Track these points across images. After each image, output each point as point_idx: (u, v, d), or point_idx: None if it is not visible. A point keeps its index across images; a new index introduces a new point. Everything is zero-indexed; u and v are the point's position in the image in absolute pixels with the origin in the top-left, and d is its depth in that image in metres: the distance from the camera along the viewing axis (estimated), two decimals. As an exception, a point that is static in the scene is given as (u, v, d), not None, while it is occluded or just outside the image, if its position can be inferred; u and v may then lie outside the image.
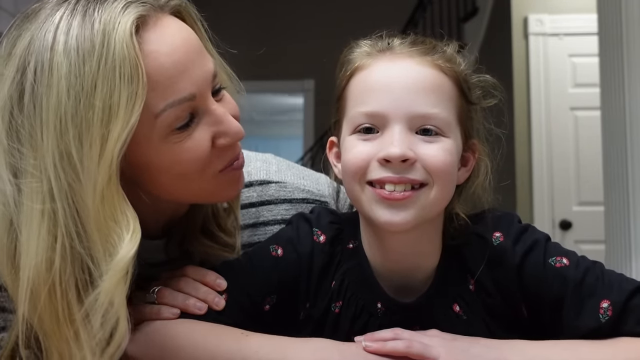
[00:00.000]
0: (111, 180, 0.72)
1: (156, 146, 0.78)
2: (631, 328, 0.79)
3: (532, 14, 4.63)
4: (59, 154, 0.71)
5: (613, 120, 2.55)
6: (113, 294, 0.71)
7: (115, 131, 0.71)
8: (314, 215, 0.92)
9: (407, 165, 0.78)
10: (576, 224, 4.46)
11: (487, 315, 0.85)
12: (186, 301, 0.85)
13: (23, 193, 0.72)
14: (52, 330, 0.73)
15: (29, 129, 0.72)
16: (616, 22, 2.51)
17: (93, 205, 0.72)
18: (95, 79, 0.71)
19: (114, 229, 0.73)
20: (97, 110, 0.71)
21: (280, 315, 0.88)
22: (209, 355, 0.79)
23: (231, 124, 0.82)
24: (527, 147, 4.56)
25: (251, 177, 1.03)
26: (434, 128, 0.79)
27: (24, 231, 0.72)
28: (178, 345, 0.80)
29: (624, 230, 2.46)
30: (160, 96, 0.75)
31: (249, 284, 0.87)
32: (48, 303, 0.72)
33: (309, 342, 0.80)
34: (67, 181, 0.71)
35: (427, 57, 0.82)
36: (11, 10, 3.46)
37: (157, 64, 0.75)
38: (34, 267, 0.71)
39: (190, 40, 0.81)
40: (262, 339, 0.81)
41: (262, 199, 1.03)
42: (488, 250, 0.84)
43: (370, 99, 0.80)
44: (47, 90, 0.71)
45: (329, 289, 0.88)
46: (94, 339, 0.72)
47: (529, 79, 4.59)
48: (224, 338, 0.81)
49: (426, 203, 0.79)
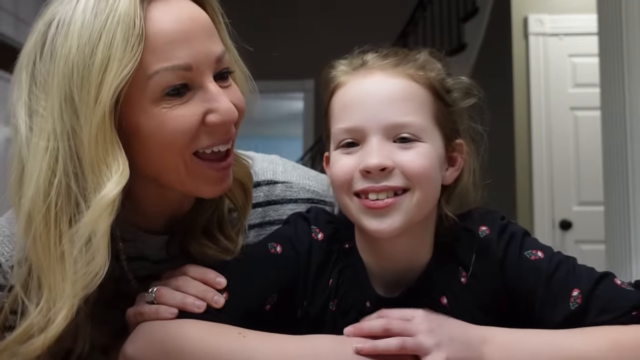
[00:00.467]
0: (105, 126, 0.78)
1: (146, 108, 0.81)
2: (593, 317, 0.82)
3: (532, 14, 4.63)
4: (64, 98, 0.79)
5: (613, 120, 2.55)
6: (93, 228, 0.77)
7: (109, 80, 0.78)
8: (311, 214, 0.95)
9: (386, 173, 0.82)
10: (576, 224, 4.46)
11: (476, 308, 0.87)
12: (185, 300, 0.85)
13: (33, 131, 0.80)
14: (43, 256, 0.80)
15: (44, 74, 0.80)
16: (616, 22, 2.51)
17: (89, 148, 0.78)
18: (100, 32, 0.79)
19: (104, 172, 0.79)
20: (97, 60, 0.78)
21: (280, 314, 0.89)
22: (209, 355, 0.80)
23: (224, 103, 0.84)
24: (527, 147, 4.57)
25: (258, 177, 1.04)
26: (409, 135, 0.84)
27: (28, 164, 0.80)
28: (178, 345, 0.81)
29: (624, 230, 2.46)
30: (156, 59, 0.80)
31: (249, 282, 0.87)
32: (41, 229, 0.79)
33: (308, 339, 0.81)
34: (69, 123, 0.79)
35: (398, 69, 0.87)
36: (11, 10, 3.46)
37: (158, 29, 0.81)
38: (32, 197, 0.79)
39: (198, 19, 0.85)
40: (261, 337, 0.81)
41: (269, 199, 1.04)
42: (476, 243, 0.88)
43: (348, 115, 0.86)
44: (63, 41, 0.80)
45: (326, 286, 0.90)
46: (76, 268, 0.78)
47: (529, 79, 4.59)
48: (223, 338, 0.81)
49: (410, 207, 0.83)
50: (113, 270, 0.93)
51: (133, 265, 0.96)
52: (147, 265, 0.96)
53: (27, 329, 0.81)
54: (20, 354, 0.83)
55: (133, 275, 0.96)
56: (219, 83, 0.86)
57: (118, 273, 0.94)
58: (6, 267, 0.92)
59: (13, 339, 0.83)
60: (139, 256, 0.97)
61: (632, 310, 0.81)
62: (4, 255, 0.92)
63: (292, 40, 5.02)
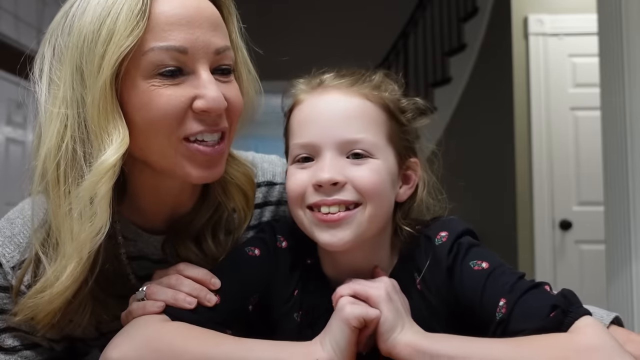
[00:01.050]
0: (106, 95, 0.82)
1: (137, 83, 0.84)
2: (517, 324, 0.81)
3: (532, 14, 4.63)
4: (75, 68, 0.84)
5: (613, 120, 2.55)
6: (94, 190, 0.82)
7: (110, 52, 0.82)
8: (279, 223, 0.98)
9: (338, 187, 0.85)
10: (576, 224, 4.46)
11: (429, 314, 0.88)
12: (176, 296, 0.86)
13: (49, 99, 0.86)
14: (54, 213, 0.85)
15: (62, 46, 0.86)
16: (616, 22, 2.51)
17: (92, 115, 0.83)
18: (110, 8, 0.84)
19: (106, 139, 0.83)
20: (102, 33, 0.83)
21: (261, 315, 0.91)
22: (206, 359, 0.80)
23: (211, 90, 0.86)
24: (527, 147, 4.56)
25: (258, 178, 1.05)
26: (362, 151, 0.87)
27: (44, 128, 0.86)
28: (173, 350, 0.81)
29: (624, 230, 2.46)
30: (153, 37, 0.84)
31: (233, 283, 0.89)
32: (52, 187, 0.85)
33: (302, 345, 0.82)
34: (79, 91, 0.84)
35: (353, 88, 0.90)
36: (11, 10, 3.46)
37: (161, 9, 0.85)
38: (44, 159, 0.85)
39: (205, 9, 0.88)
40: (236, 342, 0.82)
41: (266, 200, 1.05)
42: (431, 250, 0.90)
43: (303, 131, 0.89)
44: (80, 17, 0.85)
45: (291, 296, 0.92)
46: (80, 226, 0.83)
47: (529, 79, 4.59)
48: (218, 341, 0.82)
49: (362, 221, 0.86)
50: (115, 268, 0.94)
51: (135, 265, 0.97)
52: (148, 264, 0.97)
53: (43, 284, 0.86)
54: (29, 308, 0.87)
55: (134, 274, 0.97)
56: (218, 77, 0.88)
57: (118, 271, 0.95)
58: (7, 267, 0.93)
59: (30, 294, 0.87)
60: (140, 255, 0.97)
61: (550, 312, 0.80)
62: (4, 256, 0.93)
63: (292, 41, 5.02)
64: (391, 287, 0.85)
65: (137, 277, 0.97)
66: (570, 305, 0.81)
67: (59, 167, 0.84)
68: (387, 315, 0.81)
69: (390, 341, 0.80)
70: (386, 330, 0.81)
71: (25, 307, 0.88)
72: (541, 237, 4.49)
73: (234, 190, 0.98)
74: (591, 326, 0.78)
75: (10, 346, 0.93)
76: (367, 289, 0.83)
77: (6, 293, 0.93)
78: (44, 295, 0.85)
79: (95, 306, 0.92)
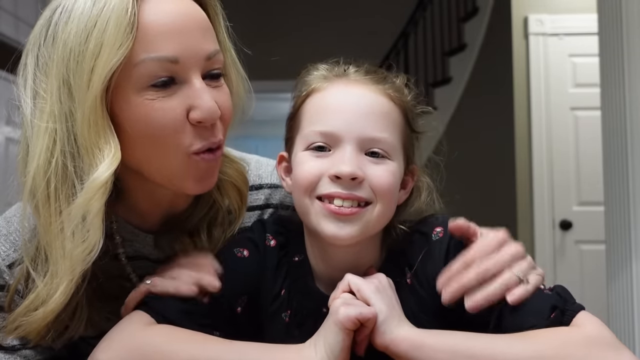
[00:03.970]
0: (97, 110, 0.80)
1: (130, 98, 0.82)
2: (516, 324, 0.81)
3: (532, 14, 4.63)
4: (63, 81, 0.82)
5: (613, 120, 2.55)
6: (87, 208, 0.80)
7: (100, 66, 0.80)
8: (268, 221, 0.97)
9: (356, 183, 0.84)
10: (576, 224, 4.46)
11: (419, 309, 0.88)
12: (178, 285, 0.87)
13: (36, 113, 0.83)
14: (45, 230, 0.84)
15: (46, 58, 0.83)
16: (616, 22, 2.51)
17: (82, 130, 0.81)
18: (96, 19, 0.81)
19: (97, 154, 0.81)
20: (90, 46, 0.80)
21: (249, 316, 0.90)
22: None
23: (206, 100, 0.84)
24: (527, 147, 4.56)
25: (262, 180, 1.05)
26: (381, 151, 0.86)
27: (32, 143, 0.84)
28: (162, 352, 0.80)
29: (624, 230, 2.46)
30: (143, 48, 0.81)
31: (222, 286, 0.88)
32: (42, 204, 0.83)
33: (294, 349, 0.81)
34: (66, 106, 0.82)
35: (379, 86, 0.89)
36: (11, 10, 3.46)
37: (149, 19, 0.82)
38: (33, 175, 0.83)
39: (194, 15, 0.86)
40: (247, 345, 0.82)
41: (268, 202, 1.05)
42: (428, 245, 0.90)
43: (325, 119, 0.87)
44: (64, 26, 0.82)
45: (279, 295, 0.91)
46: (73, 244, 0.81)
47: (529, 79, 4.59)
48: (206, 343, 0.81)
49: (370, 219, 0.86)
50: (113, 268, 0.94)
51: (134, 265, 0.97)
52: (147, 264, 0.97)
53: (34, 301, 0.84)
54: (21, 326, 0.86)
55: (135, 273, 0.97)
56: (209, 82, 0.86)
57: (117, 272, 0.95)
58: (3, 266, 0.93)
59: (19, 312, 0.86)
60: (137, 255, 0.97)
61: (550, 313, 0.81)
62: (0, 255, 0.93)
63: (291, 40, 5.02)
64: (385, 281, 0.85)
65: (139, 277, 0.97)
66: (566, 303, 0.82)
67: (49, 184, 0.82)
68: (380, 307, 0.80)
69: (387, 334, 0.79)
70: (381, 322, 0.80)
71: (17, 325, 0.86)
72: (541, 237, 4.49)
73: (228, 187, 0.98)
74: (589, 320, 0.80)
75: (10, 345, 0.93)
76: (358, 282, 0.83)
77: (2, 292, 0.93)
78: (37, 314, 0.84)
79: (92, 312, 0.91)
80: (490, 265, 0.84)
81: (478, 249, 0.86)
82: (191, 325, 0.84)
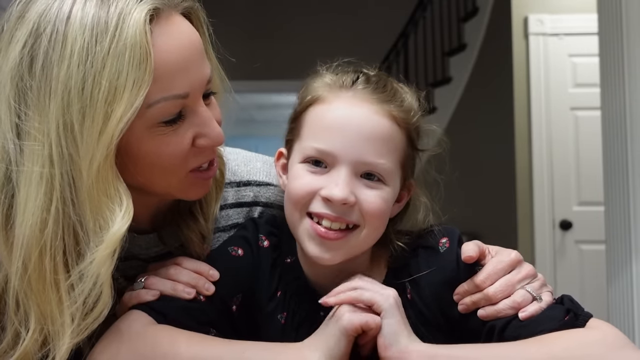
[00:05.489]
0: (108, 158, 0.75)
1: (140, 134, 0.79)
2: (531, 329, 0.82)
3: (532, 14, 4.63)
4: (63, 124, 0.74)
5: (613, 120, 2.55)
6: (102, 266, 0.75)
7: (119, 112, 0.74)
8: (261, 220, 0.97)
9: (347, 207, 0.84)
10: (576, 224, 4.46)
11: (420, 323, 0.87)
12: (175, 286, 0.86)
13: (24, 154, 0.75)
14: (38, 291, 0.76)
15: (37, 93, 0.74)
16: (616, 22, 2.51)
17: (88, 178, 0.74)
18: (105, 59, 0.73)
19: (106, 203, 0.76)
20: (102, 89, 0.73)
21: (244, 315, 0.91)
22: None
23: (214, 128, 0.85)
24: (527, 147, 4.56)
25: (250, 176, 1.04)
26: (377, 175, 0.86)
27: (22, 190, 0.75)
28: (163, 352, 0.80)
29: (624, 230, 2.46)
30: (158, 88, 0.77)
31: (217, 285, 0.89)
32: (38, 264, 0.75)
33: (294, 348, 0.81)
34: (67, 150, 0.74)
35: (384, 106, 0.87)
36: (11, 10, 3.45)
37: (162, 58, 0.77)
38: (30, 227, 0.74)
39: (196, 43, 0.83)
40: (245, 344, 0.82)
41: (257, 200, 1.04)
42: (437, 257, 0.89)
43: (325, 137, 0.86)
44: (59, 61, 0.74)
45: (274, 296, 0.91)
46: (75, 306, 0.76)
47: (529, 79, 4.59)
48: (206, 343, 0.81)
49: (356, 243, 0.86)
50: None
51: (125, 265, 0.96)
52: (136, 264, 0.96)
53: (24, 356, 0.79)
54: None
55: (124, 276, 0.96)
56: (205, 101, 0.86)
57: None
58: None
59: None
60: (127, 256, 0.97)
61: (564, 315, 0.82)
62: None
63: (291, 40, 5.02)
64: (396, 295, 0.84)
65: (126, 279, 0.96)
66: (578, 309, 0.83)
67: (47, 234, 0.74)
68: (392, 323, 0.80)
69: (398, 350, 0.79)
70: (390, 337, 0.79)
71: None
72: (541, 237, 4.49)
73: None
74: (603, 323, 0.81)
75: None
76: (373, 296, 0.82)
77: None
78: None
79: None
80: (503, 283, 0.85)
81: (493, 269, 0.87)
82: (190, 322, 0.84)
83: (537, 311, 0.82)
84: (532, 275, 0.86)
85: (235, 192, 1.03)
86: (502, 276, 0.86)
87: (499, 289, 0.85)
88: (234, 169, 1.04)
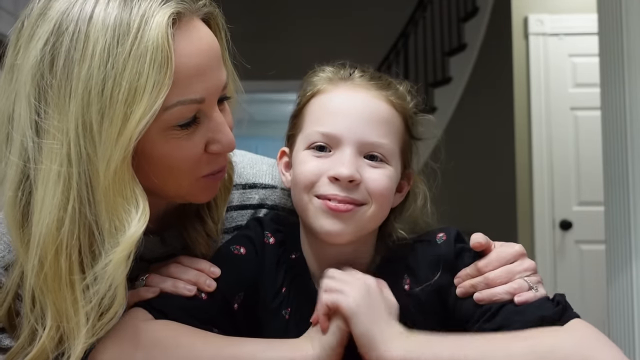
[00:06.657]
0: (125, 159, 0.75)
1: (154, 137, 0.79)
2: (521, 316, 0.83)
3: (532, 14, 4.63)
4: (82, 123, 0.74)
5: (613, 120, 2.55)
6: (118, 268, 0.75)
7: (138, 113, 0.73)
8: (266, 218, 0.99)
9: (353, 185, 0.87)
10: (576, 224, 4.46)
11: (418, 312, 0.89)
12: (176, 284, 0.87)
13: (43, 152, 0.75)
14: (53, 289, 0.77)
15: (57, 92, 0.74)
16: (616, 22, 2.51)
17: (104, 179, 0.74)
18: (126, 60, 0.73)
19: (121, 204, 0.76)
20: (122, 90, 0.73)
21: (246, 313, 0.92)
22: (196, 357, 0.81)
23: (226, 134, 0.85)
24: (527, 147, 4.57)
25: (256, 179, 1.05)
26: (379, 155, 0.89)
27: (39, 188, 0.75)
28: (163, 347, 0.81)
29: (624, 230, 2.47)
30: (176, 92, 0.77)
31: (219, 282, 0.90)
32: (54, 262, 0.76)
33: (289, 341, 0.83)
34: (85, 150, 0.74)
35: (382, 92, 0.91)
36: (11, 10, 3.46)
37: (181, 62, 0.77)
38: (46, 225, 0.75)
39: (214, 48, 0.84)
40: (244, 339, 0.83)
41: (263, 203, 1.04)
42: (435, 250, 0.91)
43: (328, 121, 0.89)
44: (80, 61, 0.74)
45: (279, 292, 0.93)
46: (90, 305, 0.76)
47: (529, 79, 4.59)
48: (206, 338, 0.83)
49: (363, 219, 0.88)
50: None
51: None
52: (142, 265, 0.96)
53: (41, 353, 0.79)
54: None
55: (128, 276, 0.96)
56: (219, 106, 0.86)
57: None
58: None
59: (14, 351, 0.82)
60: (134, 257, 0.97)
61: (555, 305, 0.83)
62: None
63: (292, 40, 5.02)
64: (365, 289, 0.84)
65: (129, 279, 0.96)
66: (567, 306, 0.84)
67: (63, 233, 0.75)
68: (360, 329, 0.80)
69: (377, 356, 0.79)
70: (364, 344, 0.80)
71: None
72: (541, 237, 4.49)
73: None
74: (584, 324, 0.81)
75: (8, 346, 0.92)
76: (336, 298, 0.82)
77: None
78: None
79: None
80: (505, 270, 0.87)
81: (497, 256, 0.89)
82: (191, 321, 0.85)
83: (532, 298, 0.84)
84: (533, 269, 0.88)
85: (240, 194, 1.03)
86: (504, 264, 0.88)
87: (499, 274, 0.87)
88: (240, 171, 1.04)
